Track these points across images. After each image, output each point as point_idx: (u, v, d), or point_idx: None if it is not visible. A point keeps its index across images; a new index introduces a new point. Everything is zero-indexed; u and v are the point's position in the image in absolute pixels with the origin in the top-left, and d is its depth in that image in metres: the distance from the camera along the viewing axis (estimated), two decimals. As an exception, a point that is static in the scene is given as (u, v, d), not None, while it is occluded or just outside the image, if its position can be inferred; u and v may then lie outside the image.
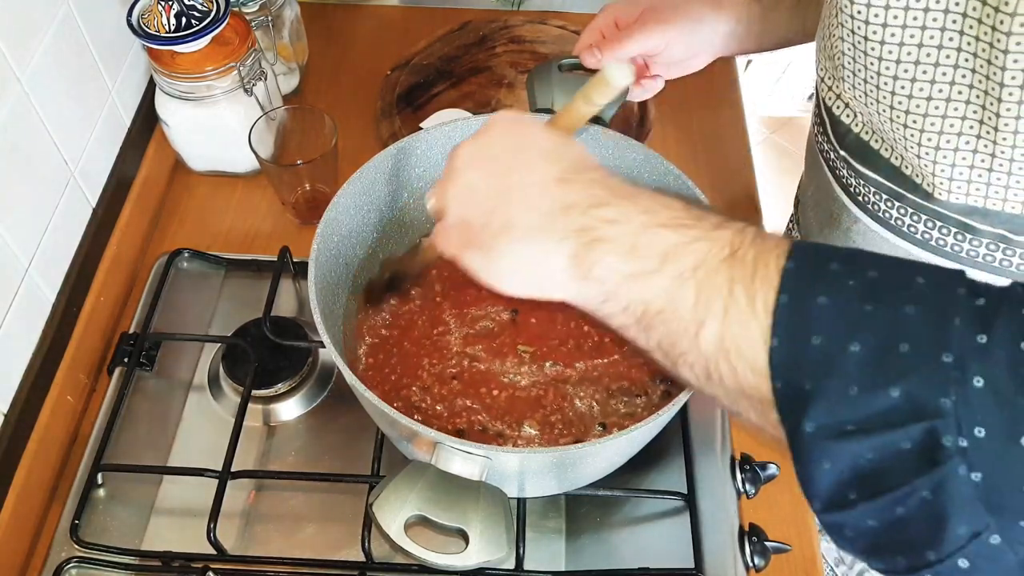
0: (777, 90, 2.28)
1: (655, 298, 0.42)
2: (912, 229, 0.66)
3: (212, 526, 0.65)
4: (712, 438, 0.74)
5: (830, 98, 0.68)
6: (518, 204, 0.46)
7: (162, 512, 0.70)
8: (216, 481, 0.68)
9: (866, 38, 0.56)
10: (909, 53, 0.55)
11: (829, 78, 0.67)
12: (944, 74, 0.54)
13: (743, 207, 0.92)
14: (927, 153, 0.59)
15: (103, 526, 0.69)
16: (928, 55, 0.54)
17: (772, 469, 0.70)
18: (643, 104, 0.98)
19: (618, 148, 0.72)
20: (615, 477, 0.66)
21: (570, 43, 1.02)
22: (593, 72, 0.76)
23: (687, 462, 0.71)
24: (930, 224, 0.64)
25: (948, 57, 0.53)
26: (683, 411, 0.73)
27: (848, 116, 0.67)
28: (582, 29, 0.78)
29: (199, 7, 0.80)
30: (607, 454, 0.62)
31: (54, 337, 0.74)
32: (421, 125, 0.94)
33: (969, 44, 0.52)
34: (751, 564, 0.67)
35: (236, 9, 0.86)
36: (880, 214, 0.68)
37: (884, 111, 0.60)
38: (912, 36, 0.54)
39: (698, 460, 0.72)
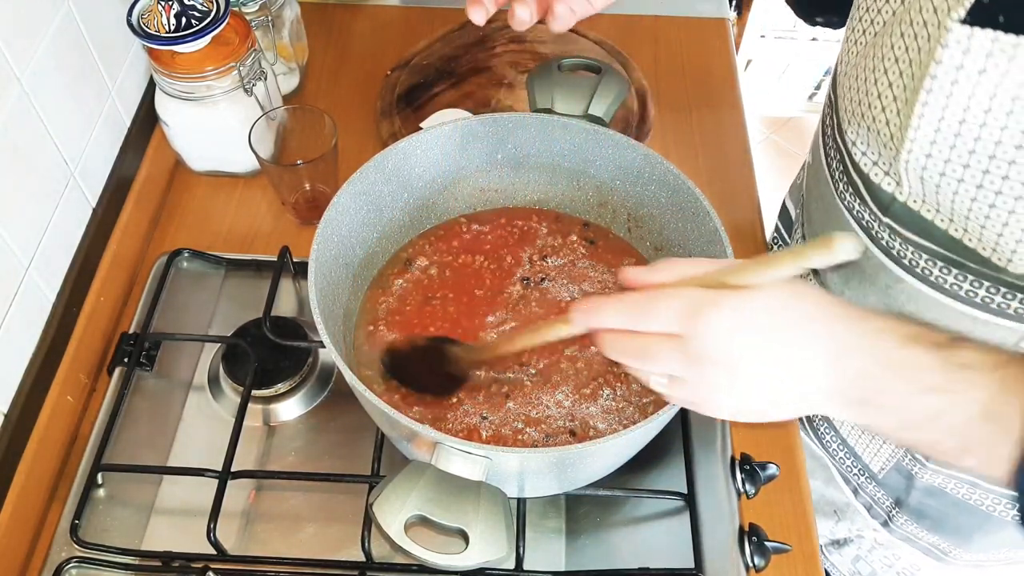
0: (777, 90, 2.28)
1: (919, 442, 0.50)
2: (971, 294, 0.62)
3: (212, 526, 0.65)
4: (712, 438, 0.74)
5: (865, 164, 0.64)
6: (793, 384, 0.48)
7: (162, 512, 0.70)
8: (216, 481, 0.68)
9: (963, 121, 0.53)
10: (1012, 136, 0.52)
11: (873, 151, 0.63)
12: None
13: (743, 207, 0.92)
14: (1012, 233, 0.56)
15: (103, 526, 0.69)
16: None
17: (772, 469, 0.70)
18: (643, 104, 0.98)
19: (618, 148, 0.72)
20: (615, 477, 0.66)
21: (571, 43, 1.03)
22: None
23: (687, 462, 0.71)
24: (993, 290, 0.61)
25: None
26: (683, 411, 0.73)
27: (890, 185, 0.63)
28: (583, 29, 0.77)
29: (199, 7, 0.80)
30: (607, 454, 0.62)
31: (54, 337, 0.74)
32: (421, 125, 0.94)
33: None
34: (751, 564, 0.67)
35: (236, 9, 0.86)
36: (931, 279, 0.64)
37: (967, 191, 0.56)
38: (1019, 122, 0.51)
39: (698, 460, 0.72)
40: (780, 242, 0.93)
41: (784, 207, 0.93)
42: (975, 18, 0.50)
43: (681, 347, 0.47)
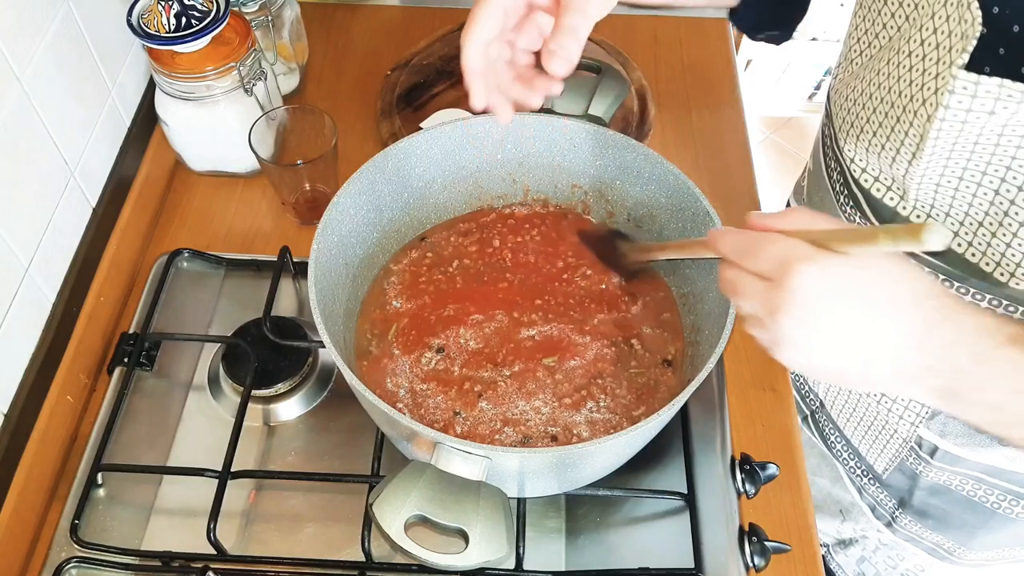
0: (777, 90, 2.28)
1: (1010, 436, 0.50)
2: None
3: (212, 526, 0.65)
4: (712, 438, 0.74)
5: (866, 180, 0.66)
6: (877, 362, 0.47)
7: (162, 512, 0.70)
8: (216, 481, 0.68)
9: (972, 152, 0.54)
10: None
11: (873, 168, 0.64)
12: None
13: (743, 207, 0.92)
14: (1020, 244, 0.57)
15: (103, 526, 0.69)
16: None
17: (772, 469, 0.70)
18: (643, 104, 0.98)
19: (618, 148, 0.72)
20: (615, 477, 0.66)
21: (570, 43, 1.03)
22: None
23: (687, 462, 0.71)
24: (995, 303, 0.62)
25: None
26: (683, 411, 0.73)
27: (892, 200, 0.64)
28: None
29: (199, 7, 0.80)
30: (607, 454, 0.62)
31: (54, 337, 0.74)
32: (421, 125, 0.94)
33: None
34: (751, 564, 0.67)
35: (236, 9, 0.86)
36: None
37: (984, 194, 0.57)
38: None
39: (698, 460, 0.72)
40: None
41: (788, 207, 0.93)
42: (978, 54, 0.51)
43: (767, 291, 0.48)
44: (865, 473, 0.86)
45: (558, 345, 0.69)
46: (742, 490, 0.70)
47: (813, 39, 2.12)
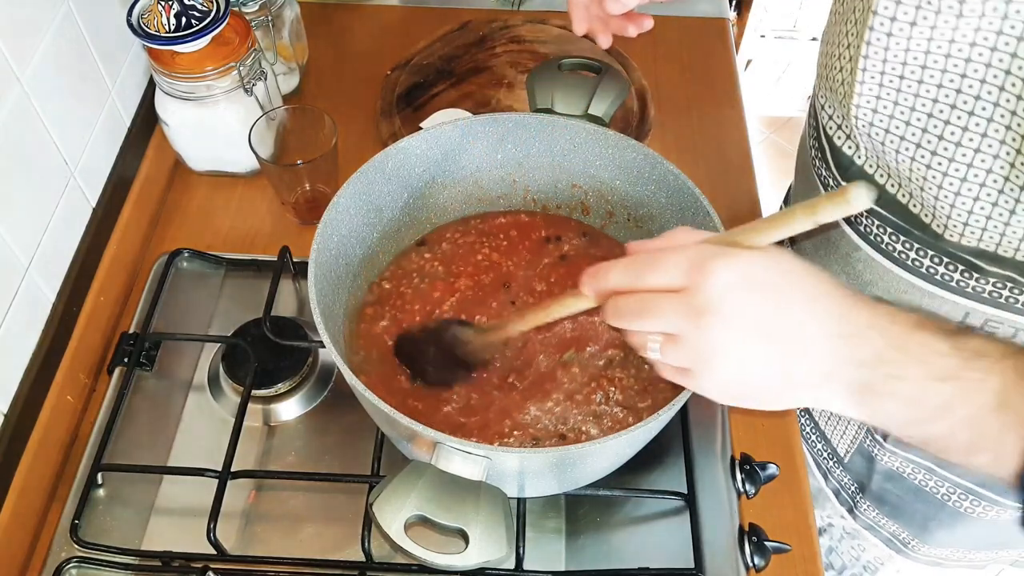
0: (777, 90, 2.28)
1: (929, 437, 0.46)
2: (917, 263, 0.64)
3: (212, 526, 0.65)
4: (712, 438, 0.74)
5: (831, 127, 0.67)
6: (799, 358, 0.45)
7: (162, 512, 0.70)
8: (216, 481, 0.68)
9: (902, 77, 0.54)
10: (947, 95, 0.53)
11: (838, 115, 0.65)
12: (978, 124, 0.53)
13: (743, 207, 0.92)
14: (946, 196, 0.57)
15: (103, 526, 0.69)
16: (965, 102, 0.53)
17: (772, 469, 0.70)
18: (643, 104, 0.98)
19: (618, 148, 0.72)
20: (615, 477, 0.66)
21: (570, 43, 1.03)
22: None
23: (687, 462, 0.71)
24: (936, 260, 0.63)
25: (986, 102, 0.52)
26: (683, 411, 0.73)
27: (851, 148, 0.65)
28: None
29: (199, 7, 0.80)
30: (607, 454, 0.62)
31: (54, 337, 0.74)
32: (421, 125, 0.94)
33: (1015, 85, 0.50)
34: (751, 564, 0.67)
35: (236, 9, 0.86)
36: (883, 246, 0.66)
37: (907, 149, 0.58)
38: (952, 80, 0.52)
39: (698, 460, 0.72)
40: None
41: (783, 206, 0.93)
42: None
43: (684, 299, 0.45)
44: (831, 456, 0.86)
45: (571, 339, 0.69)
46: (742, 490, 0.70)
47: (813, 39, 2.12)
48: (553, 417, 0.66)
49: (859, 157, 0.65)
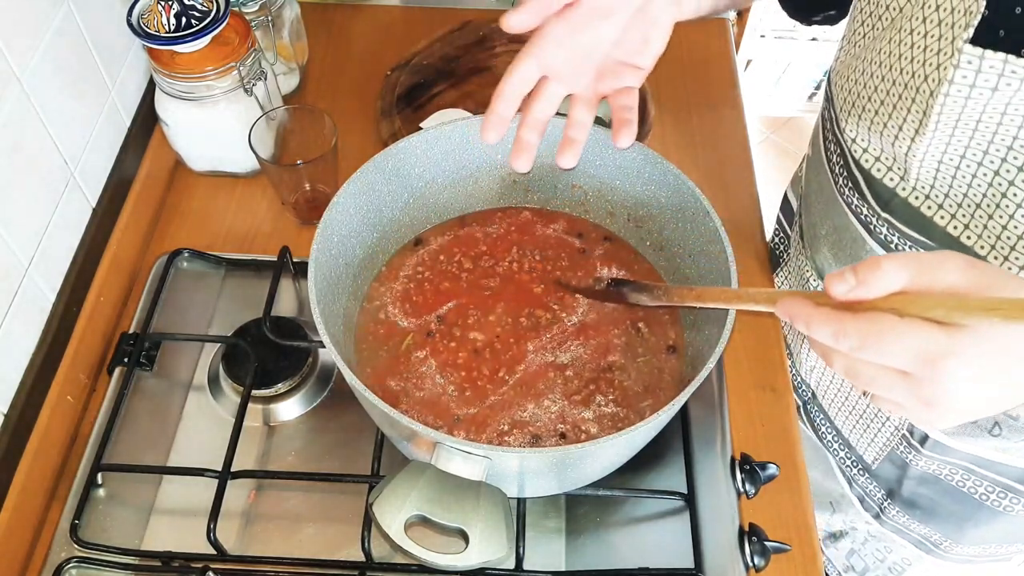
0: (777, 90, 2.28)
1: None
2: None
3: (212, 526, 0.65)
4: (712, 438, 0.74)
5: (866, 160, 0.65)
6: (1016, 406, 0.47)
7: (162, 512, 0.70)
8: (216, 481, 0.68)
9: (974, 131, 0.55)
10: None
11: (875, 147, 0.64)
12: None
13: (743, 207, 0.92)
14: (1015, 225, 0.57)
15: (103, 526, 0.69)
16: None
17: (772, 469, 0.70)
18: (643, 104, 0.98)
19: (618, 148, 0.72)
20: (615, 477, 0.66)
21: (570, 43, 1.02)
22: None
23: (687, 462, 0.71)
24: None
25: None
26: (683, 411, 0.73)
27: (892, 180, 0.64)
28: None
29: (199, 7, 0.80)
30: (607, 454, 0.62)
31: (54, 337, 0.74)
32: (421, 125, 0.94)
33: None
34: (751, 564, 0.67)
35: (236, 9, 0.86)
36: None
37: (984, 175, 0.57)
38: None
39: (698, 460, 0.72)
40: (782, 234, 0.93)
41: (786, 198, 0.93)
42: (980, 35, 0.51)
43: (914, 387, 0.45)
44: (855, 464, 0.86)
45: (568, 339, 0.69)
46: (742, 490, 0.70)
47: (813, 39, 2.12)
48: (552, 416, 0.66)
49: (903, 189, 0.64)
